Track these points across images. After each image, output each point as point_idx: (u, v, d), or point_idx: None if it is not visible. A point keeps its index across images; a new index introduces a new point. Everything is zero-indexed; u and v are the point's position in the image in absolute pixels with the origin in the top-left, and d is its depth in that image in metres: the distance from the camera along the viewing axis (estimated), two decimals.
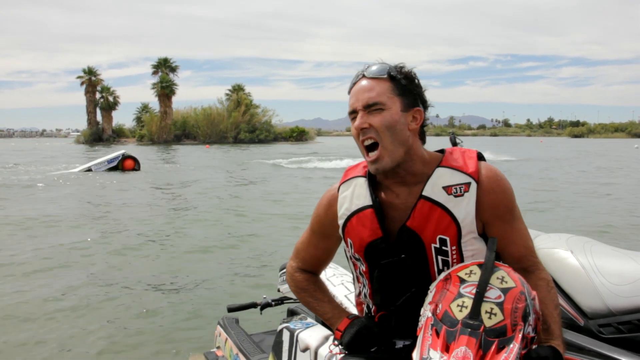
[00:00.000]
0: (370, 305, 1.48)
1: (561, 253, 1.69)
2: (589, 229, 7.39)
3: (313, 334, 1.63)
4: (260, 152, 35.25)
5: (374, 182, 1.44)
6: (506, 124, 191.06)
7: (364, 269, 1.44)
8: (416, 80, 1.40)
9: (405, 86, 1.37)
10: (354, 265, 1.48)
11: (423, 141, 1.43)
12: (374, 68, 1.38)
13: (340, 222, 1.46)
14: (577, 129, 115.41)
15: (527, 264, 1.37)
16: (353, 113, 1.39)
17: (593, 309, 1.56)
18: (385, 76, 1.36)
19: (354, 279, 1.54)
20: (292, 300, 2.29)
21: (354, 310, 1.64)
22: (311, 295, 1.57)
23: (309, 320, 1.78)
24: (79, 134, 75.64)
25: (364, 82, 1.38)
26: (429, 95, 1.44)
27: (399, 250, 1.36)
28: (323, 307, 1.53)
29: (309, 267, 1.62)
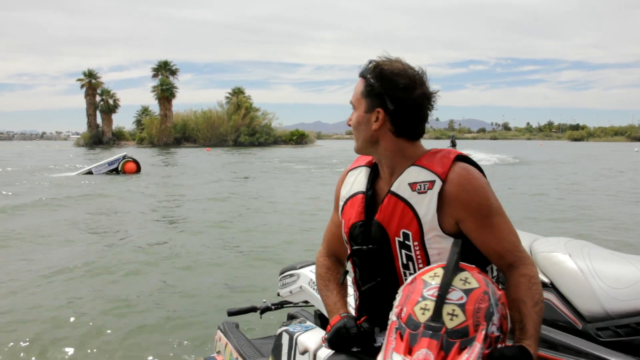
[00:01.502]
0: (355, 293, 1.58)
1: (559, 257, 1.69)
2: None
3: (312, 337, 1.64)
4: (261, 155, 35.26)
5: (376, 172, 1.54)
6: (506, 127, 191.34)
7: (349, 252, 1.55)
8: (387, 79, 1.39)
9: (372, 87, 1.42)
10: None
11: (413, 137, 1.45)
12: (362, 66, 1.47)
13: (341, 203, 1.58)
14: (576, 133, 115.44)
15: (511, 260, 1.37)
16: None
17: (591, 312, 1.57)
18: (361, 77, 1.47)
19: None
20: (292, 305, 2.30)
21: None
22: (324, 284, 1.64)
23: (308, 323, 1.79)
24: (79, 136, 75.53)
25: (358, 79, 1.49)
26: None
27: (369, 240, 1.45)
28: (327, 299, 1.59)
29: (331, 248, 1.69)
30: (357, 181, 1.55)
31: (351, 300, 1.69)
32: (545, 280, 1.69)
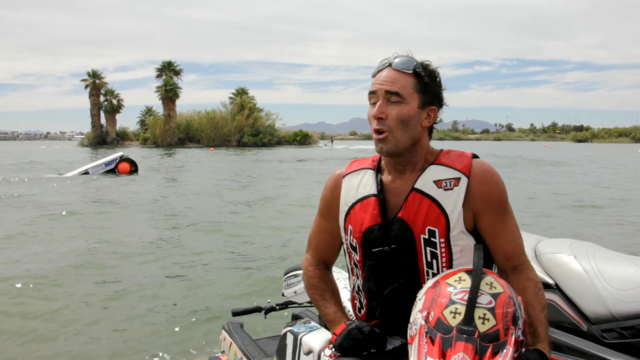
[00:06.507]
0: (362, 300, 1.51)
1: (564, 258, 1.69)
2: None
3: (316, 338, 1.63)
4: (265, 156, 35.27)
5: (379, 172, 1.51)
6: (510, 128, 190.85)
7: (358, 257, 1.48)
8: (438, 79, 1.46)
9: (427, 84, 1.42)
10: (349, 256, 1.53)
11: (430, 137, 1.50)
12: (400, 61, 1.42)
13: (345, 208, 1.51)
14: (580, 134, 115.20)
15: (517, 262, 1.39)
16: (373, 94, 1.43)
17: (596, 314, 1.56)
18: (411, 71, 1.40)
19: (349, 275, 1.58)
20: (296, 305, 2.30)
21: None
22: (319, 294, 1.60)
23: (313, 323, 1.78)
24: (83, 136, 75.65)
25: (389, 72, 1.41)
26: None
27: (391, 241, 1.41)
28: (327, 308, 1.56)
29: (321, 256, 1.65)
30: (364, 184, 1.50)
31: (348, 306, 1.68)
32: (550, 281, 1.69)
